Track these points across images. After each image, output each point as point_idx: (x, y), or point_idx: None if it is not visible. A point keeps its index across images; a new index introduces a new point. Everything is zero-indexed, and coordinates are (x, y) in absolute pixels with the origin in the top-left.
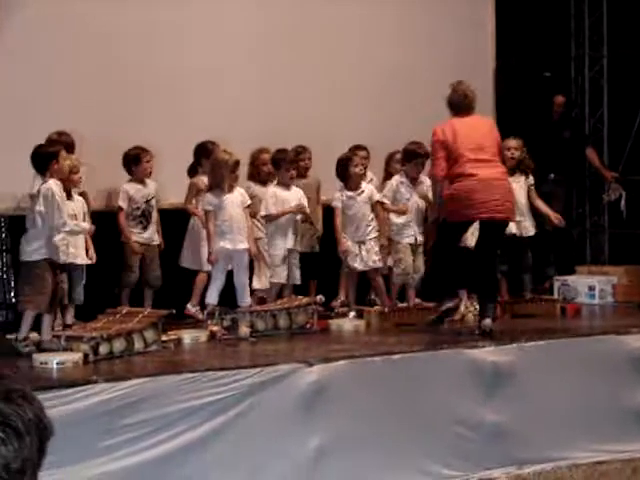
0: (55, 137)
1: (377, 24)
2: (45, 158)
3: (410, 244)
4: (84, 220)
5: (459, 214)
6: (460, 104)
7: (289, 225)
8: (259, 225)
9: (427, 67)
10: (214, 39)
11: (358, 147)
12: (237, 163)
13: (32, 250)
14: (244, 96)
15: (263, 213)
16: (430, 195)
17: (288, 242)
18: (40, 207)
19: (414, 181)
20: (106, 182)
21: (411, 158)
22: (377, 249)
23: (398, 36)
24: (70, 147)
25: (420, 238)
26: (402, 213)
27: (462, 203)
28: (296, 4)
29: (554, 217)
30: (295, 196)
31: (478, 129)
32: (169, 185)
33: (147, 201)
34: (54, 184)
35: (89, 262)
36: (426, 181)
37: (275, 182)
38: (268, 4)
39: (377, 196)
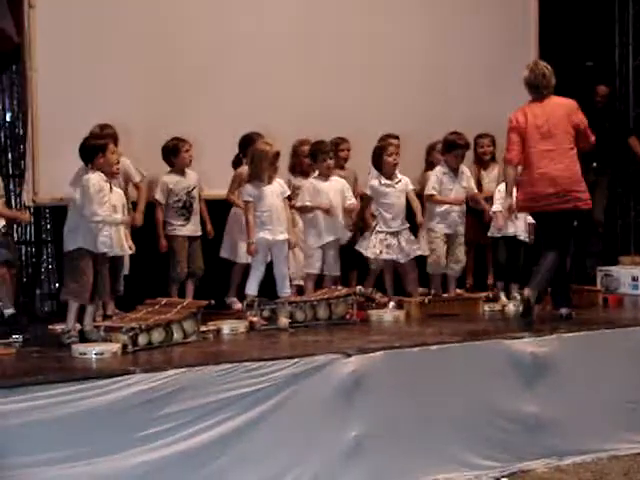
0: (97, 130)
1: (412, 15)
2: (92, 151)
3: (447, 234)
4: (124, 212)
5: (526, 205)
6: (538, 85)
7: (324, 217)
8: (297, 216)
9: (469, 61)
10: (256, 32)
11: (389, 135)
12: (277, 154)
13: (70, 240)
14: (286, 87)
15: (299, 204)
16: (472, 184)
17: (323, 234)
18: (77, 198)
19: (455, 171)
20: (149, 174)
21: (451, 149)
22: (413, 238)
23: (436, 26)
24: (113, 140)
25: (461, 229)
26: (458, 204)
27: (527, 195)
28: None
29: None
30: (334, 187)
31: (551, 115)
32: (212, 176)
33: (188, 192)
34: (95, 176)
35: (129, 253)
36: (466, 171)
37: (316, 174)
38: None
39: (411, 186)
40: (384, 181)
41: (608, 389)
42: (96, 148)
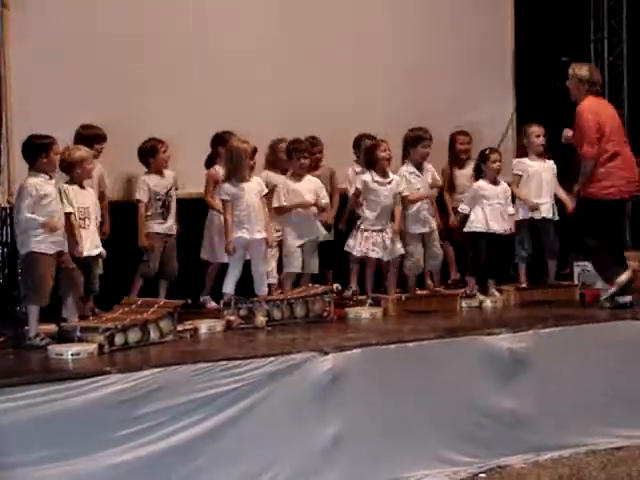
0: (79, 130)
1: (396, 13)
2: (34, 150)
3: (421, 234)
4: (96, 212)
5: (615, 191)
6: (599, 83)
7: (303, 216)
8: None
9: (444, 53)
10: (229, 30)
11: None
12: (254, 151)
13: (21, 245)
14: (260, 86)
15: (276, 204)
16: (437, 178)
17: (302, 233)
18: (15, 201)
19: (419, 168)
20: (123, 173)
21: (417, 142)
22: (398, 237)
23: (415, 25)
24: (97, 139)
25: (433, 224)
26: (427, 197)
27: (617, 181)
28: None
29: (570, 206)
30: (307, 187)
31: (611, 110)
32: (187, 175)
33: (167, 192)
34: (34, 180)
35: (98, 253)
36: (430, 167)
37: (289, 173)
38: None
39: (401, 188)
40: (377, 178)
41: (585, 384)
42: (39, 147)
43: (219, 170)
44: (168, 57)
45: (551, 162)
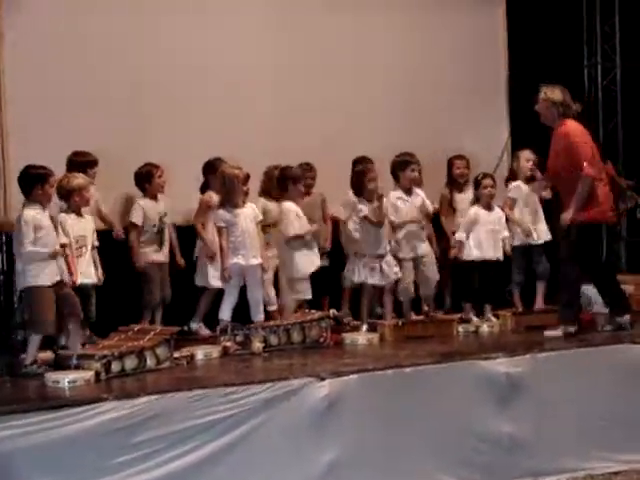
0: (73, 157)
1: (389, 40)
2: (31, 181)
3: (413, 258)
4: (94, 238)
5: (614, 215)
6: (572, 106)
7: (309, 243)
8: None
9: (439, 80)
10: (224, 57)
11: (365, 159)
12: (247, 177)
13: (21, 279)
14: (254, 114)
15: (292, 234)
16: (427, 203)
17: (313, 260)
18: (15, 235)
19: (409, 193)
20: (119, 199)
21: (405, 166)
22: (394, 261)
23: (410, 51)
24: (89, 165)
25: (423, 250)
26: (417, 222)
27: (609, 205)
28: (305, 22)
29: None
30: (304, 213)
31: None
32: (181, 202)
33: (161, 218)
34: (30, 212)
35: (96, 282)
36: (420, 192)
37: (287, 200)
38: (278, 24)
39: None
40: (368, 206)
41: (582, 408)
42: (36, 178)
43: (213, 196)
44: (165, 85)
45: (536, 184)
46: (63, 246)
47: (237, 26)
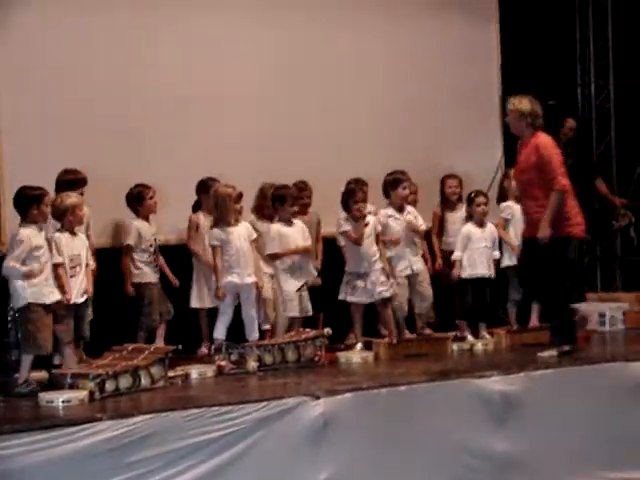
0: (61, 176)
1: (382, 56)
2: (26, 201)
3: (408, 275)
4: (88, 258)
5: (581, 230)
6: (542, 116)
7: (296, 261)
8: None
9: (432, 98)
10: (217, 77)
11: (358, 181)
12: (240, 196)
13: (18, 297)
14: (247, 134)
15: (270, 252)
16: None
17: (299, 277)
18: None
19: (400, 211)
20: (110, 219)
21: (397, 184)
22: (383, 279)
23: (403, 68)
24: (80, 184)
25: (417, 267)
26: (394, 244)
27: (580, 219)
28: (297, 42)
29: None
30: (297, 231)
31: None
32: (175, 221)
33: (155, 239)
34: (26, 231)
35: (85, 298)
36: (412, 210)
37: (277, 219)
38: (269, 43)
39: (380, 228)
40: (353, 223)
41: (578, 427)
42: (31, 199)
43: (200, 217)
44: (158, 103)
45: None
46: (57, 265)
47: (229, 44)
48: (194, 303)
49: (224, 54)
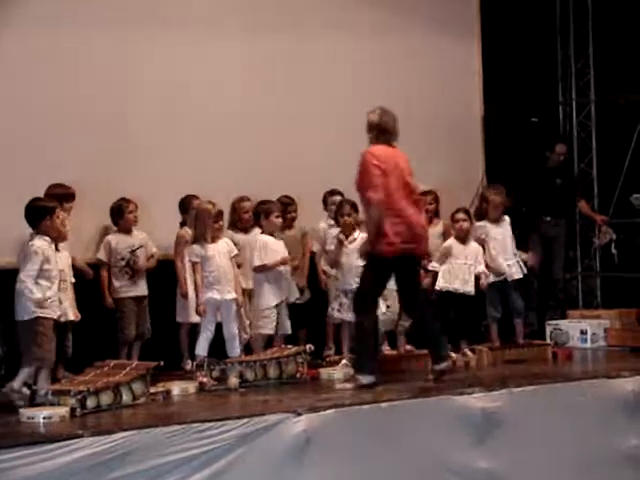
0: (50, 190)
1: (364, 74)
2: (39, 213)
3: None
4: (71, 274)
5: (400, 248)
6: (393, 129)
7: (278, 276)
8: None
9: (414, 115)
10: (204, 93)
11: (333, 192)
12: (220, 213)
13: (25, 309)
14: (237, 149)
15: (258, 263)
16: None
17: (278, 293)
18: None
19: None
20: (96, 234)
21: None
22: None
23: (384, 85)
24: (66, 198)
25: None
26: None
27: (404, 237)
28: (283, 59)
29: (530, 260)
30: (282, 245)
31: (404, 162)
32: (162, 236)
33: (132, 251)
34: (40, 242)
35: (74, 319)
36: None
37: (259, 232)
38: (256, 60)
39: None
40: (341, 237)
41: (559, 443)
42: (43, 211)
43: (188, 231)
44: (147, 117)
45: (507, 220)
46: None
47: (216, 61)
48: (179, 318)
49: (211, 71)
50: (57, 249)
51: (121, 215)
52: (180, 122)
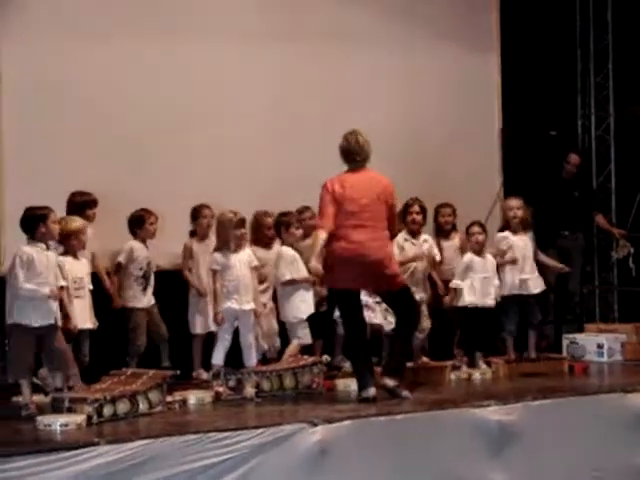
0: (73, 197)
1: (381, 87)
2: (32, 221)
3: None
4: (89, 281)
5: (341, 280)
6: (357, 152)
7: (305, 287)
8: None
9: (432, 128)
10: (219, 105)
11: None
12: (242, 221)
13: (7, 315)
14: (247, 160)
15: (288, 277)
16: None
17: (307, 305)
18: (10, 270)
19: (414, 236)
20: (112, 243)
21: (405, 213)
22: (377, 307)
23: (402, 99)
24: (89, 205)
25: (422, 296)
26: (419, 259)
27: (343, 269)
28: (297, 73)
29: (559, 267)
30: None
31: (368, 189)
32: (170, 247)
33: (148, 263)
34: (28, 248)
35: (91, 327)
36: (430, 240)
37: (280, 246)
38: (270, 73)
39: None
40: None
41: (575, 457)
42: (36, 218)
43: (194, 241)
44: (164, 128)
45: (529, 235)
46: (61, 289)
47: (230, 73)
48: (193, 328)
49: (226, 81)
50: (76, 257)
51: (141, 226)
52: (195, 134)
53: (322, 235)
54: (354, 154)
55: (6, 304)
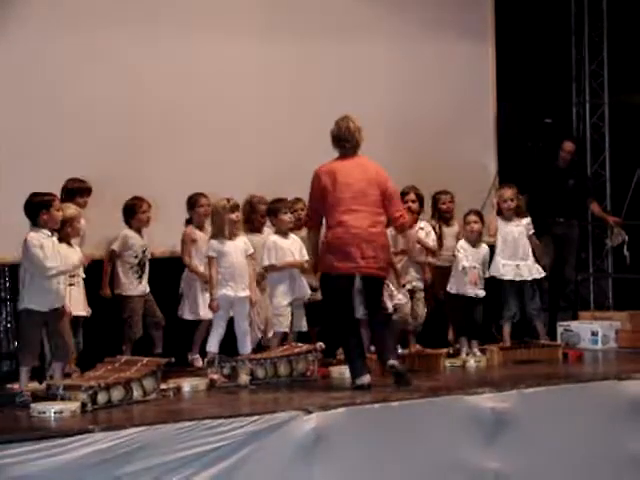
0: (67, 184)
1: (377, 76)
2: (36, 207)
3: (409, 290)
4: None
5: (335, 266)
6: (347, 139)
7: (292, 274)
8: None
9: (428, 116)
10: (216, 93)
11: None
12: (236, 206)
13: (20, 302)
14: (243, 149)
15: (266, 263)
16: (428, 240)
17: (291, 291)
18: (22, 258)
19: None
20: (107, 231)
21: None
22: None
23: (398, 88)
24: (82, 192)
25: (418, 284)
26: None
27: (337, 255)
28: (295, 62)
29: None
30: (294, 245)
31: (359, 174)
32: (167, 235)
33: (144, 251)
34: (34, 235)
35: (84, 314)
36: (426, 227)
37: (272, 231)
38: (269, 62)
39: None
40: None
41: (569, 444)
42: (40, 205)
43: (193, 229)
44: (160, 115)
45: (524, 221)
46: None
47: (228, 62)
48: (186, 315)
49: (222, 71)
50: (70, 245)
51: (133, 214)
52: (191, 123)
53: (314, 235)
54: (344, 140)
55: (20, 290)
